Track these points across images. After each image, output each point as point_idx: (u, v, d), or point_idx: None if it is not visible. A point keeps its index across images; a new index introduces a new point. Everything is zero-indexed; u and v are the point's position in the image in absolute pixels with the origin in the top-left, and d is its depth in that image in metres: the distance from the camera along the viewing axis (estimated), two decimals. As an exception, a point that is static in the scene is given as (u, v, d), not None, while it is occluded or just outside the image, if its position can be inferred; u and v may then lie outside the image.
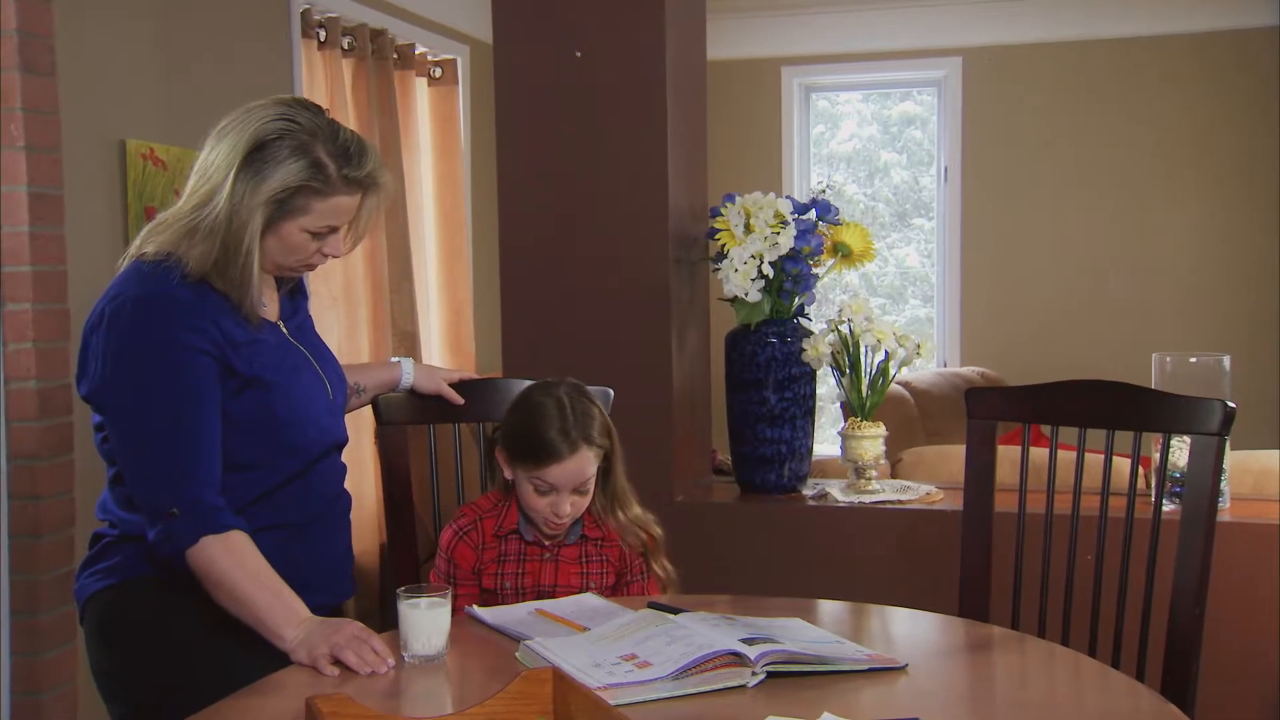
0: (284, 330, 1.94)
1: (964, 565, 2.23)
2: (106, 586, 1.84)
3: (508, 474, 2.05)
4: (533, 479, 1.98)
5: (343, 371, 2.09)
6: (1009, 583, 2.18)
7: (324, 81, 4.05)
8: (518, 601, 2.00)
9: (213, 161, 1.79)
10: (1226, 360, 2.61)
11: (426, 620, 1.68)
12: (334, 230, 1.84)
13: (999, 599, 2.21)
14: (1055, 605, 2.13)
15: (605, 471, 2.05)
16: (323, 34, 4.03)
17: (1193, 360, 2.63)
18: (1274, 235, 5.58)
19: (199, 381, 1.77)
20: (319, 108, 1.86)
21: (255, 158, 1.76)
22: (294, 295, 2.01)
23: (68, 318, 2.93)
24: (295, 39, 3.88)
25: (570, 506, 2.00)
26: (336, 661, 1.64)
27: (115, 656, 1.83)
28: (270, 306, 1.92)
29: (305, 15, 3.94)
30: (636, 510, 2.10)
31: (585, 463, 1.99)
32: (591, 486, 2.02)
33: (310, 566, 1.89)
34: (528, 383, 2.41)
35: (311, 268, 1.91)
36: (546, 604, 1.93)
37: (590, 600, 1.96)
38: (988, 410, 2.23)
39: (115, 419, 1.77)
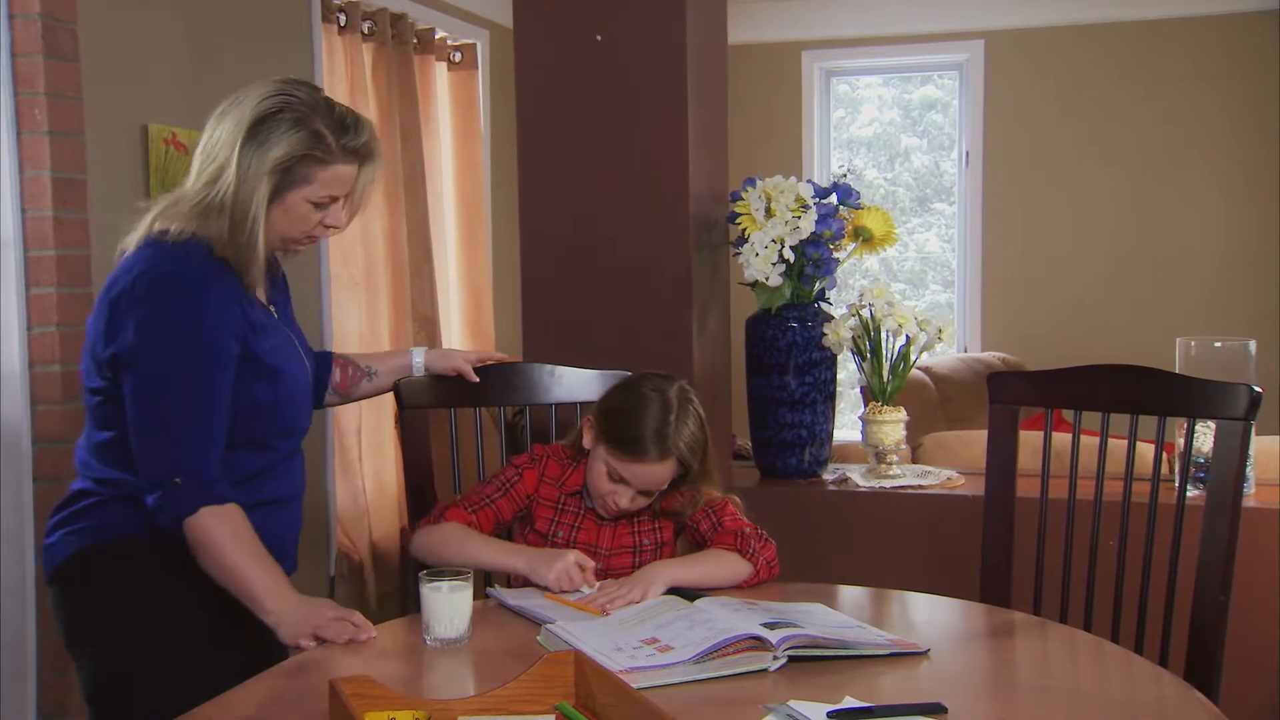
0: (274, 314, 1.99)
1: (985, 550, 2.23)
2: (94, 545, 1.85)
3: (587, 443, 2.05)
4: (610, 465, 1.98)
5: (311, 356, 2.11)
6: (1031, 568, 2.17)
7: (344, 66, 4.05)
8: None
9: (217, 140, 1.85)
10: (1252, 345, 2.59)
11: (448, 603, 1.69)
12: (334, 200, 1.90)
13: (1021, 584, 2.20)
14: (1078, 591, 2.12)
15: (680, 479, 2.03)
16: (343, 19, 4.03)
17: (1217, 345, 2.61)
18: (1299, 220, 5.54)
19: (221, 364, 1.83)
20: (314, 85, 1.94)
21: (258, 131, 1.82)
22: (275, 282, 2.05)
23: (91, 302, 2.95)
24: (316, 23, 3.88)
25: (630, 503, 2.00)
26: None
27: (98, 613, 1.84)
28: (261, 289, 1.97)
29: (325, 0, 3.94)
30: (706, 495, 2.06)
31: (666, 471, 1.99)
32: (658, 492, 2.02)
33: (290, 538, 2.00)
34: (547, 367, 2.42)
35: (314, 240, 1.96)
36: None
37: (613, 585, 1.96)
38: (1010, 395, 2.22)
39: (137, 386, 1.81)
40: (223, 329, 1.82)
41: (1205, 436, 2.51)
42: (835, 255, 2.80)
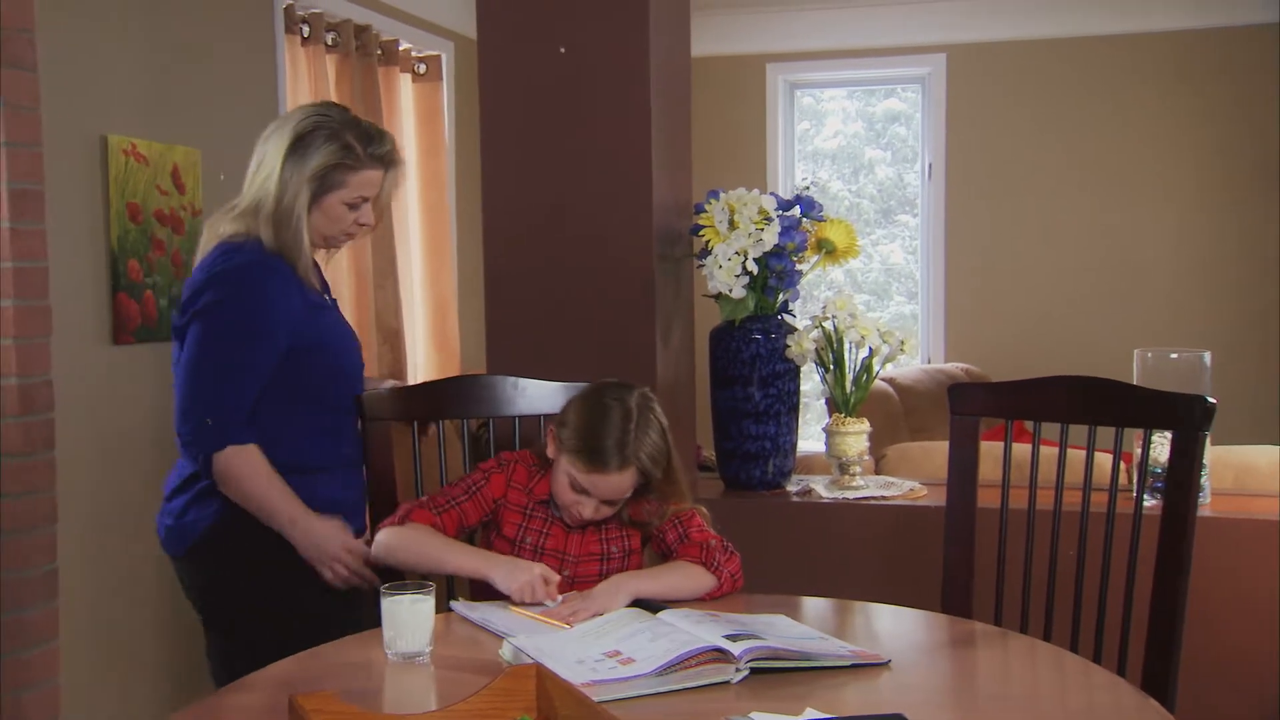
0: (328, 300, 2.35)
1: (947, 561, 2.24)
2: (221, 519, 2.18)
3: (551, 453, 2.05)
4: (572, 475, 1.98)
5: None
6: (992, 578, 2.18)
7: (308, 78, 4.04)
8: (534, 558, 2.01)
9: (264, 158, 2.23)
10: (1207, 356, 2.63)
11: (410, 616, 1.68)
12: (365, 201, 2.25)
13: (982, 594, 2.22)
14: (1038, 600, 2.13)
15: (645, 486, 2.03)
16: (306, 30, 4.01)
17: (1174, 356, 2.65)
18: (1255, 233, 5.61)
19: (266, 343, 2.16)
20: (344, 107, 2.31)
21: (298, 146, 2.19)
22: (321, 279, 2.37)
23: (49, 314, 2.92)
24: (279, 35, 3.87)
25: (594, 513, 2.00)
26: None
27: (237, 579, 2.19)
28: (314, 281, 2.29)
29: (288, 11, 3.92)
30: (674, 506, 2.07)
31: (627, 481, 1.99)
32: (622, 502, 2.02)
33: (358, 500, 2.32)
34: (511, 379, 2.42)
35: (351, 237, 2.31)
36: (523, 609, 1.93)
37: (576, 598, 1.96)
38: (970, 406, 2.24)
39: (196, 337, 2.14)
40: (277, 314, 2.16)
41: (1162, 447, 2.54)
42: (798, 267, 2.81)
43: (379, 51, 4.43)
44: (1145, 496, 2.44)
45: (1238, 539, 2.56)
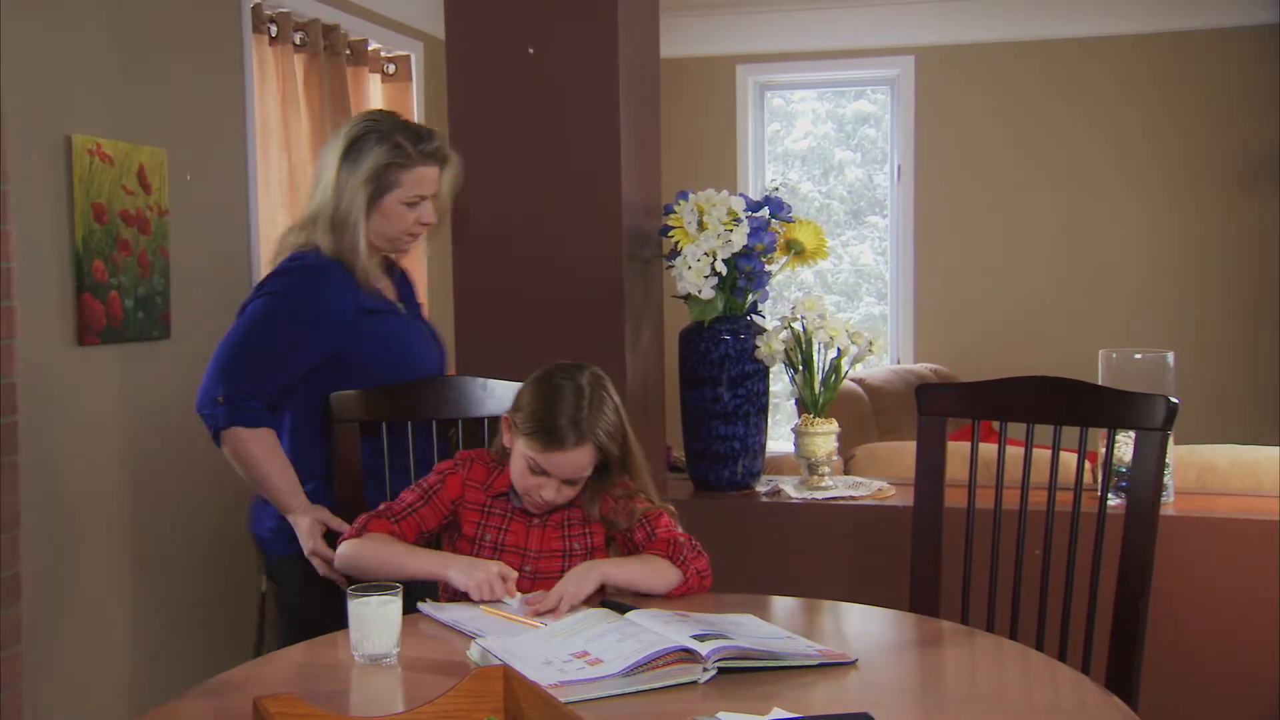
0: (399, 306, 2.42)
1: (914, 560, 2.25)
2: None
3: (507, 441, 2.05)
4: (529, 458, 1.98)
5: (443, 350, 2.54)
6: (959, 577, 2.20)
7: (275, 77, 4.01)
8: (494, 557, 2.01)
9: (322, 167, 2.33)
10: (1170, 356, 2.66)
11: (377, 618, 1.67)
12: (423, 199, 2.32)
13: (949, 593, 2.23)
14: (1004, 599, 2.15)
15: (604, 470, 2.03)
16: (274, 29, 3.99)
17: (1138, 356, 2.67)
18: (1219, 235, 5.67)
19: (302, 343, 2.27)
20: (393, 112, 2.39)
21: (350, 152, 2.28)
22: (401, 284, 2.49)
23: (15, 315, 2.88)
24: (246, 34, 3.84)
25: (555, 495, 2.00)
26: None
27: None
28: (387, 289, 2.41)
29: (256, 10, 3.90)
30: (643, 506, 2.07)
31: (585, 457, 1.98)
32: (583, 481, 2.02)
33: None
34: (480, 380, 2.42)
35: (414, 237, 2.37)
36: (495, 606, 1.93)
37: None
38: (938, 406, 2.25)
39: (237, 323, 2.27)
40: (324, 314, 2.27)
41: (1126, 446, 2.56)
42: (767, 268, 2.82)
43: (348, 51, 4.41)
44: (1110, 495, 2.47)
45: (1200, 537, 2.59)
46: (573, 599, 1.86)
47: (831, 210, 6.63)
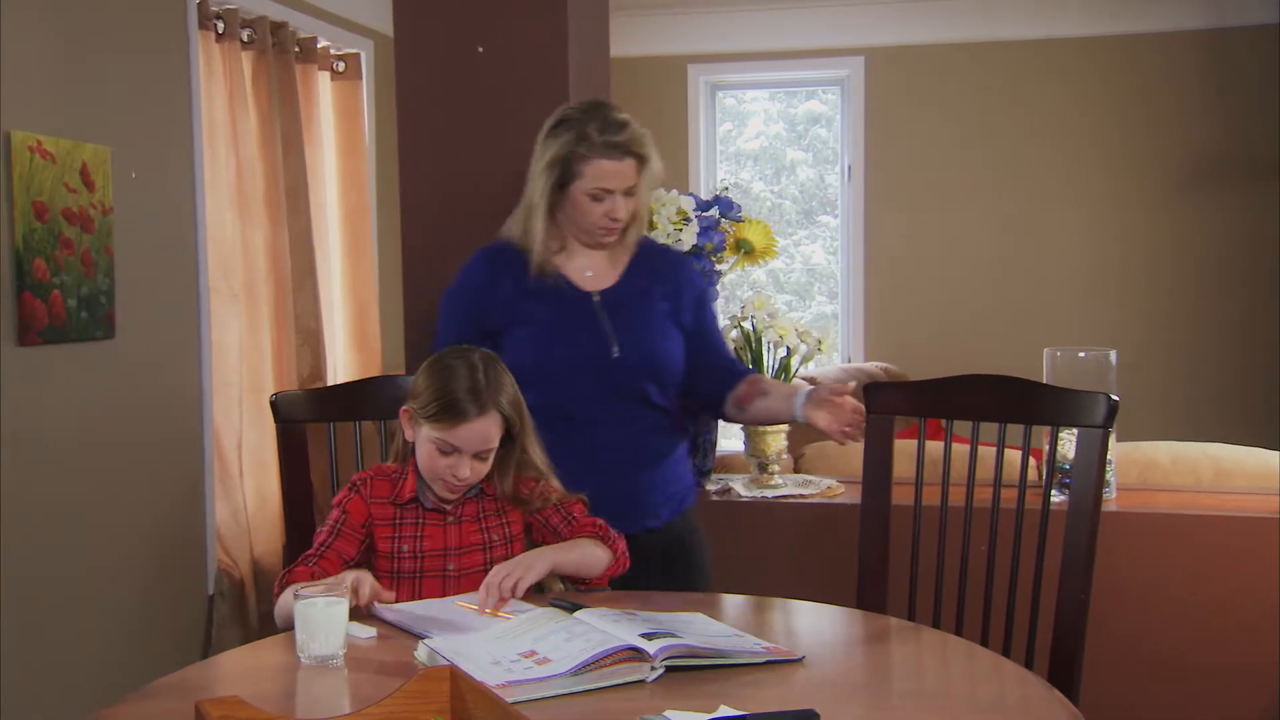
0: (595, 298, 2.33)
1: (862, 558, 2.27)
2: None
3: (409, 435, 2.04)
4: (436, 439, 1.98)
5: (661, 353, 2.35)
6: (907, 575, 2.22)
7: (223, 75, 3.97)
8: (416, 565, 2.01)
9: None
10: (1113, 355, 2.70)
11: (323, 620, 1.66)
12: (609, 193, 2.25)
13: (897, 591, 2.25)
14: (950, 596, 2.17)
15: (509, 444, 2.05)
16: (221, 26, 3.95)
17: (1081, 355, 2.71)
18: (1160, 235, 5.76)
19: (455, 314, 2.37)
20: (604, 101, 2.36)
21: (547, 138, 2.30)
22: (650, 273, 2.38)
23: (-48, 315, 2.84)
24: (192, 31, 3.80)
25: (470, 471, 1.99)
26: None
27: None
28: (596, 278, 2.34)
29: (202, 7, 3.85)
30: (554, 484, 2.11)
31: (491, 426, 1.99)
32: (492, 455, 2.02)
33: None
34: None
35: (608, 231, 2.30)
36: (462, 597, 1.94)
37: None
38: (886, 405, 2.27)
39: None
40: (469, 293, 2.35)
41: (1069, 443, 2.60)
42: (717, 267, 2.83)
43: (296, 49, 4.37)
44: (1055, 492, 2.50)
45: (1142, 533, 2.63)
46: (525, 584, 1.90)
47: (783, 210, 6.66)
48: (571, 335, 2.31)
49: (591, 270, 2.35)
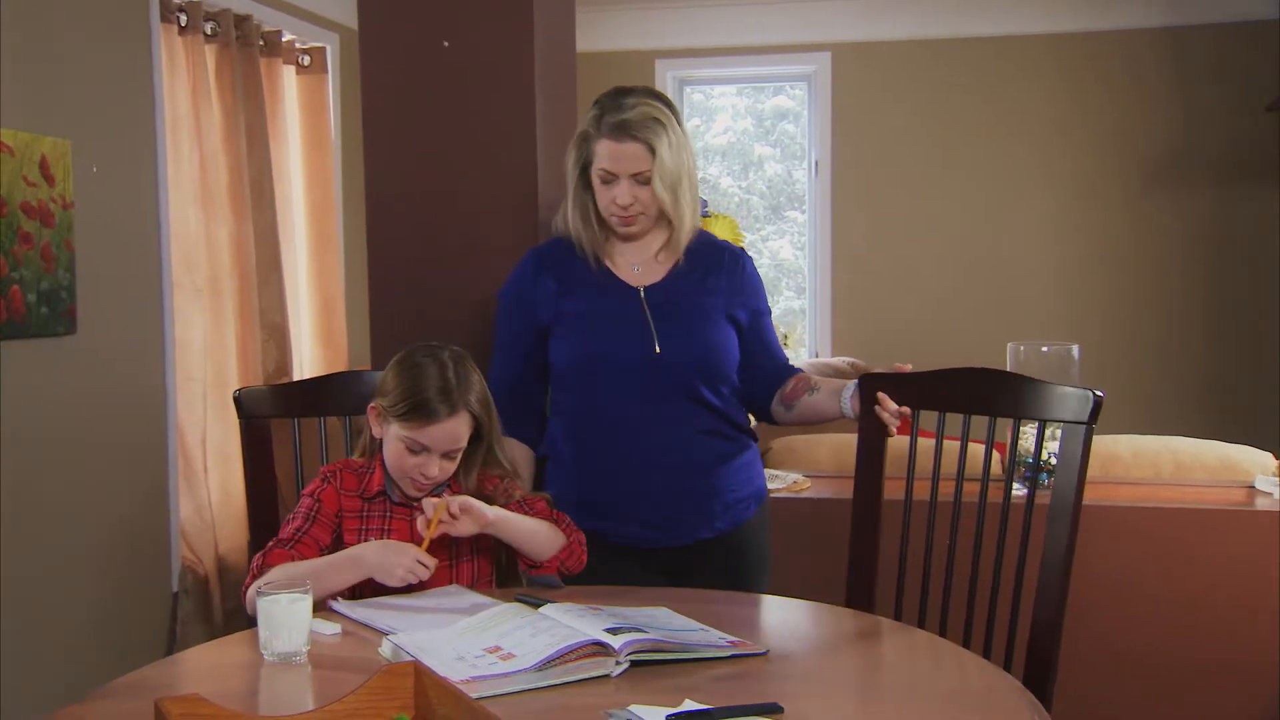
0: (640, 293, 2.23)
1: (853, 548, 2.26)
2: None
3: (377, 432, 2.04)
4: (406, 438, 1.97)
5: (711, 348, 2.24)
6: (886, 567, 2.23)
7: (185, 68, 3.93)
8: None
9: None
10: (1075, 349, 2.72)
11: (287, 617, 1.66)
12: (614, 177, 2.16)
13: (863, 583, 2.26)
14: (936, 590, 2.18)
15: (476, 442, 2.05)
16: (183, 19, 3.91)
17: (1045, 349, 2.74)
18: (1123, 231, 5.81)
19: (508, 316, 2.33)
20: (638, 86, 2.24)
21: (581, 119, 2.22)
22: (708, 272, 2.28)
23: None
24: (154, 23, 3.76)
25: (438, 470, 2.00)
26: None
27: None
28: (643, 272, 2.26)
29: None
30: (517, 482, 2.12)
31: (461, 426, 1.99)
32: (460, 454, 2.02)
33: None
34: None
35: (620, 220, 2.20)
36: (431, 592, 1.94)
37: (457, 592, 1.95)
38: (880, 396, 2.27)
39: None
40: (517, 293, 2.30)
41: (1031, 438, 2.61)
42: (683, 263, 2.83)
43: (261, 42, 4.33)
44: (1021, 487, 2.52)
45: (1103, 526, 2.66)
46: (464, 522, 1.94)
47: (751, 205, 6.68)
48: (611, 332, 2.22)
49: (640, 265, 2.28)
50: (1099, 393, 2.02)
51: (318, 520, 2.02)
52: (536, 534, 2.04)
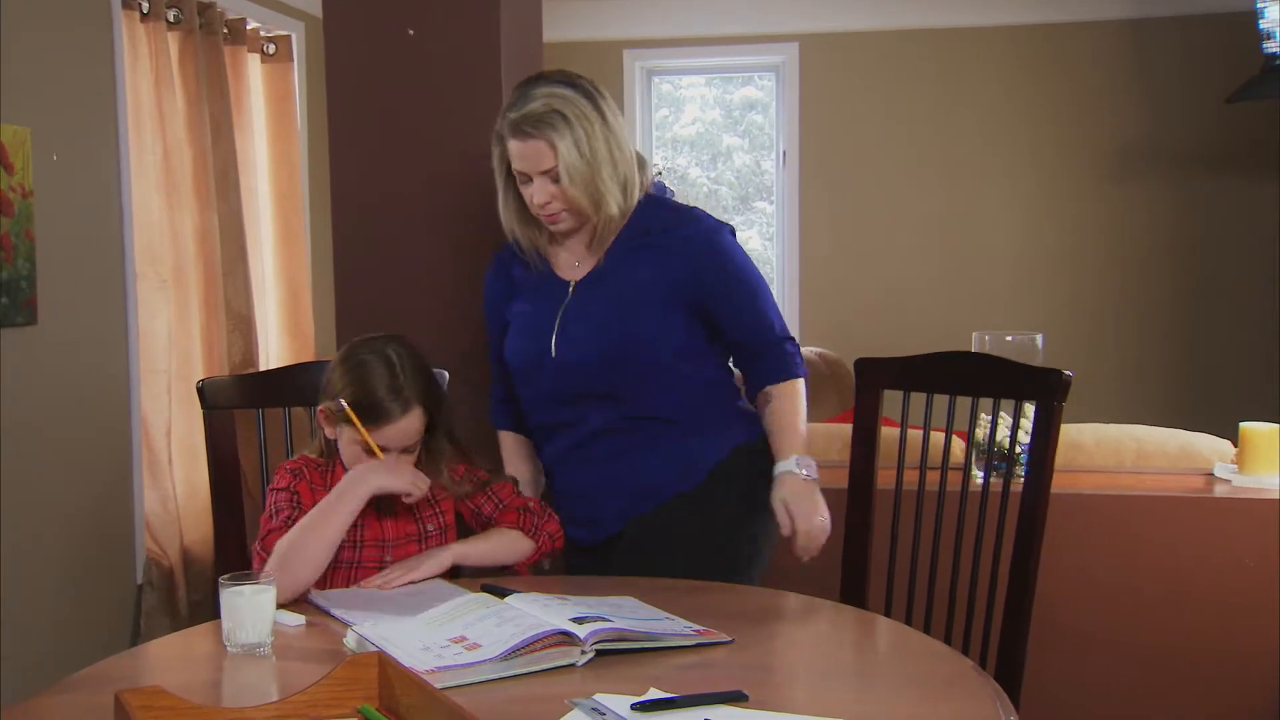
0: (569, 287, 2.16)
1: (847, 528, 2.30)
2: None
3: (330, 434, 2.02)
4: (361, 442, 1.95)
5: (621, 344, 2.11)
6: (884, 556, 2.25)
7: (148, 56, 3.89)
8: (354, 555, 1.99)
9: None
10: (1040, 339, 2.74)
11: (251, 608, 1.65)
12: (528, 176, 2.07)
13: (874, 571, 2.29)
14: (922, 577, 2.21)
15: (431, 428, 2.04)
16: (145, 6, 3.87)
17: (1009, 339, 2.76)
18: (1087, 222, 5.86)
19: (488, 322, 2.31)
20: (546, 72, 2.16)
21: None
22: (647, 256, 2.14)
23: None
24: (115, 10, 3.72)
25: (397, 464, 1.99)
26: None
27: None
28: (581, 264, 2.17)
29: (127, -15, 3.78)
30: (479, 465, 2.13)
31: (415, 422, 1.98)
32: (418, 445, 2.01)
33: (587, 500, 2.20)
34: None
35: (549, 219, 2.11)
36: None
37: (443, 587, 1.95)
38: (875, 380, 2.32)
39: None
40: (486, 306, 2.29)
41: (1002, 427, 2.63)
42: (650, 253, 2.82)
43: (225, 30, 4.29)
44: (989, 474, 2.54)
45: (1066, 514, 2.68)
46: (424, 575, 1.94)
47: (720, 196, 6.68)
48: (524, 335, 2.18)
49: (579, 259, 2.18)
50: (1068, 372, 2.06)
51: (300, 506, 2.00)
52: (495, 554, 2.02)
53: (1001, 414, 2.57)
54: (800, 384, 2.20)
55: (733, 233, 2.22)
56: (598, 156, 2.06)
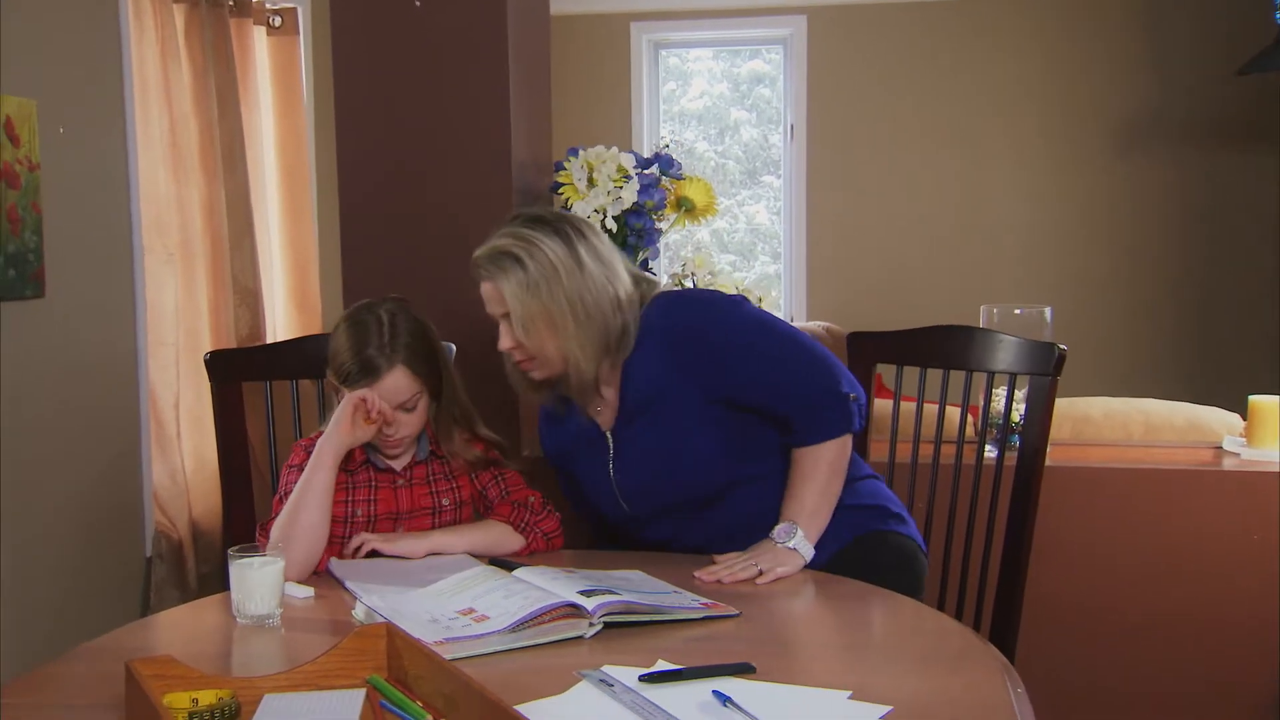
0: (608, 438, 2.03)
1: None
2: None
3: (340, 399, 2.03)
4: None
5: (679, 479, 1.99)
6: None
7: (154, 29, 3.88)
8: (369, 528, 2.01)
9: None
10: (1049, 312, 2.73)
11: (260, 580, 1.65)
12: (497, 318, 1.98)
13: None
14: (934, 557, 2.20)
15: (436, 392, 2.05)
16: (152, -22, 3.85)
17: (1018, 312, 2.75)
18: (1097, 193, 5.84)
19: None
20: (530, 212, 2.03)
21: None
22: (661, 379, 1.96)
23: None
24: (122, -18, 3.71)
25: (406, 426, 2.00)
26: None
27: None
28: (605, 410, 2.04)
29: (132, -43, 3.76)
30: (482, 431, 2.12)
31: (404, 379, 1.98)
32: (421, 404, 2.02)
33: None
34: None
35: (521, 367, 2.00)
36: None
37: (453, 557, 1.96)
38: (868, 354, 2.34)
39: None
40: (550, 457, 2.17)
41: (1000, 399, 2.63)
42: (658, 225, 2.82)
43: (231, 3, 4.27)
44: (991, 448, 2.54)
45: (1075, 487, 2.68)
46: (396, 554, 1.94)
47: (727, 170, 6.66)
48: (595, 498, 2.09)
49: (602, 404, 2.05)
50: (1062, 346, 2.07)
51: None
52: (475, 547, 1.99)
53: (997, 389, 2.57)
54: (826, 447, 1.99)
55: (744, 301, 2.02)
56: (558, 306, 1.90)
